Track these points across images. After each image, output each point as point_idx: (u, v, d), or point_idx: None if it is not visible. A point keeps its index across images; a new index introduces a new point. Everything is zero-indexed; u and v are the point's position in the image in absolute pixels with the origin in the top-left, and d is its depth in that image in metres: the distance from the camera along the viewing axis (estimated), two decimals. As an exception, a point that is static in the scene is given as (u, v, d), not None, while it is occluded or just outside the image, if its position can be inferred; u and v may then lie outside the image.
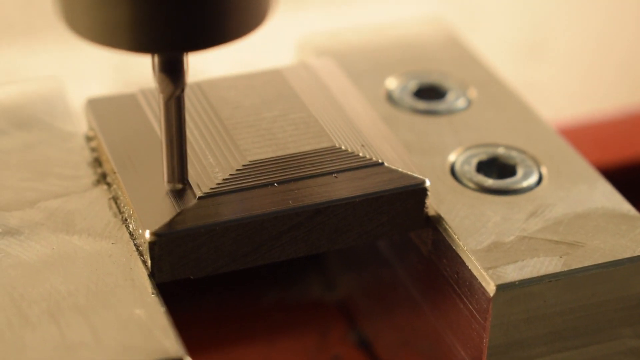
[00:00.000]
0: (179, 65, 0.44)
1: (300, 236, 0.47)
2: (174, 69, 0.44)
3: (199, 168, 0.48)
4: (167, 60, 0.43)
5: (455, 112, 0.56)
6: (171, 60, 0.43)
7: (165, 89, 0.44)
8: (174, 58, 0.43)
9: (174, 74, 0.44)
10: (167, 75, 0.44)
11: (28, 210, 0.48)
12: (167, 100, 0.45)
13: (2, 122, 0.54)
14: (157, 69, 0.44)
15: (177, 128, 0.45)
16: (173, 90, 0.44)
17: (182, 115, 0.45)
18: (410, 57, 0.61)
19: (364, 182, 0.48)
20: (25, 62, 1.01)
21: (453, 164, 0.52)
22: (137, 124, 0.51)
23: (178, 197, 0.47)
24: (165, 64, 0.43)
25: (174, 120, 0.45)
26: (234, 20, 0.41)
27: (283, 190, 0.47)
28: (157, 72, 0.44)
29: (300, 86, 0.53)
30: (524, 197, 0.50)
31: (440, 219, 0.49)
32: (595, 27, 1.12)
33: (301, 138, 0.49)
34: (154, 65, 0.44)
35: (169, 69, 0.43)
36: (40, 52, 1.02)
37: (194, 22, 0.40)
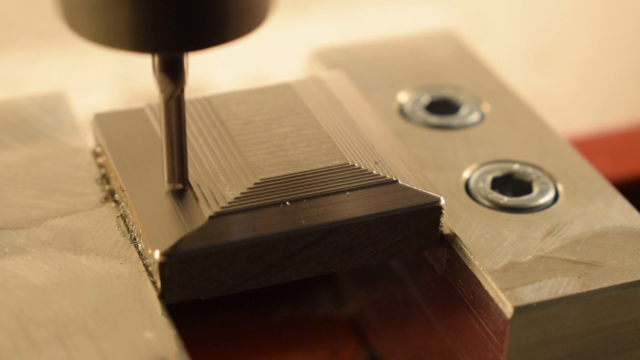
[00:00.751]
0: (179, 65, 0.44)
1: (313, 256, 0.46)
2: (174, 68, 0.44)
3: (209, 186, 0.47)
4: (167, 60, 0.43)
5: (468, 126, 0.55)
6: (171, 60, 0.43)
7: (166, 88, 0.44)
8: (174, 58, 0.43)
9: (174, 74, 0.44)
10: (167, 75, 0.44)
11: (35, 228, 0.48)
12: (167, 100, 0.45)
13: (7, 138, 0.53)
14: (157, 69, 0.44)
15: (177, 128, 0.45)
16: (173, 90, 0.44)
17: (182, 115, 0.45)
18: (422, 70, 0.60)
19: (378, 200, 0.47)
20: (30, 71, 1.00)
21: (467, 180, 0.51)
22: (146, 140, 0.50)
23: (188, 216, 0.46)
24: (166, 64, 0.43)
25: (174, 120, 0.45)
26: (233, 20, 0.41)
27: (295, 209, 0.46)
28: (157, 72, 0.44)
29: (312, 101, 0.52)
30: (540, 215, 0.49)
31: (455, 237, 0.48)
32: (605, 35, 1.11)
33: (313, 155, 0.48)
34: (154, 65, 0.44)
35: (169, 68, 0.43)
36: (44, 61, 1.01)
37: (193, 22, 0.40)
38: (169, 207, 0.46)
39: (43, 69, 1.00)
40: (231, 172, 0.47)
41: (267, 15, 0.42)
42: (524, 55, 1.06)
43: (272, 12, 0.42)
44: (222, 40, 0.41)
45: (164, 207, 0.46)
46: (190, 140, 0.49)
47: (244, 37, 0.41)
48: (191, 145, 0.49)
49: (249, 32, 0.42)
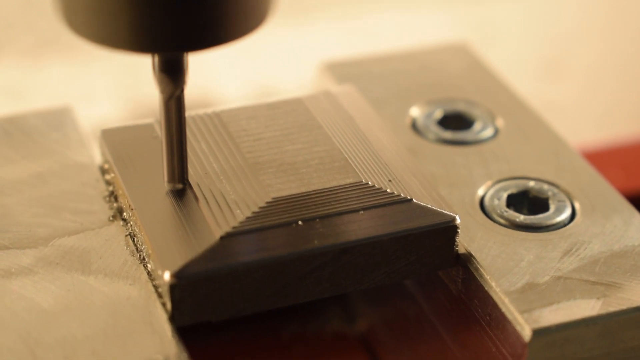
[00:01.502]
0: (179, 65, 0.43)
1: (326, 276, 0.45)
2: (174, 69, 0.43)
3: (220, 205, 0.46)
4: (167, 60, 0.43)
5: (482, 141, 0.54)
6: (171, 60, 0.43)
7: (165, 89, 0.44)
8: (174, 58, 0.43)
9: (174, 74, 0.44)
10: (167, 75, 0.43)
11: (42, 248, 0.47)
12: (167, 100, 0.44)
13: (13, 154, 0.52)
14: (157, 69, 0.43)
15: (177, 128, 0.45)
16: (173, 90, 0.44)
17: (182, 115, 0.45)
18: (435, 84, 0.59)
19: (392, 219, 0.46)
20: (34, 80, 0.99)
21: (482, 198, 0.50)
22: (155, 157, 0.50)
23: (198, 235, 0.45)
24: (166, 64, 0.43)
25: (174, 120, 0.45)
26: (233, 20, 0.40)
27: (307, 229, 0.45)
28: (157, 72, 0.43)
29: (323, 116, 0.51)
30: (558, 234, 0.48)
31: (471, 257, 0.47)
32: (613, 43, 1.10)
33: (326, 173, 0.47)
34: (154, 65, 0.43)
35: (169, 69, 0.43)
36: (48, 71, 1.00)
37: (193, 22, 0.40)
38: (179, 227, 0.45)
39: (46, 79, 0.99)
40: (242, 191, 0.46)
41: (267, 16, 0.42)
42: (532, 64, 1.05)
43: (272, 13, 0.42)
44: (222, 41, 0.41)
45: (173, 227, 0.46)
46: (200, 157, 0.48)
47: (244, 37, 0.41)
48: (201, 162, 0.48)
49: (249, 32, 0.41)
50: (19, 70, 1.00)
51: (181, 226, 0.45)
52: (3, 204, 0.49)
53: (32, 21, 1.11)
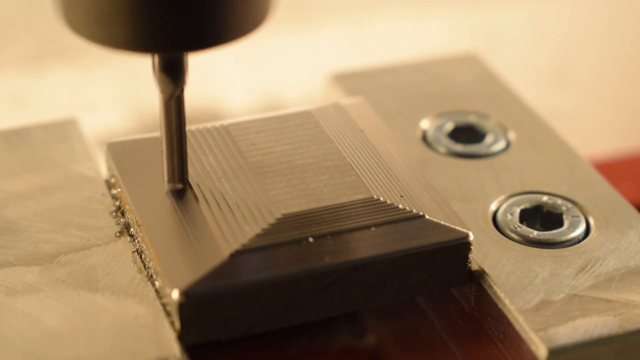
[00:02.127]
0: (179, 65, 0.43)
1: (336, 294, 0.45)
2: (174, 68, 0.43)
3: (229, 221, 0.45)
4: (167, 60, 0.43)
5: (494, 155, 0.53)
6: (171, 60, 0.43)
7: (166, 89, 0.44)
8: (174, 58, 0.43)
9: (174, 74, 0.43)
10: (167, 75, 0.43)
11: (48, 265, 0.46)
12: (167, 101, 0.44)
13: (18, 167, 0.51)
14: (157, 69, 0.43)
15: (177, 128, 0.45)
16: (173, 90, 0.44)
17: (182, 115, 0.45)
18: (445, 96, 0.58)
19: (404, 236, 0.45)
20: (37, 88, 0.98)
21: (495, 213, 0.49)
22: (162, 170, 0.49)
23: (207, 253, 0.44)
24: (166, 64, 0.43)
25: (174, 120, 0.45)
26: (233, 20, 0.40)
27: (318, 246, 0.44)
28: (157, 72, 0.43)
29: (333, 129, 0.51)
30: (572, 250, 0.47)
31: (484, 274, 0.46)
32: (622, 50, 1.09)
33: (336, 188, 0.47)
34: (154, 65, 0.43)
35: (169, 69, 0.43)
36: (51, 79, 0.99)
37: (193, 22, 0.39)
38: (187, 244, 0.45)
39: (49, 86, 0.98)
40: (252, 206, 0.45)
41: (266, 16, 0.42)
42: (539, 71, 1.05)
43: (272, 13, 0.42)
44: (222, 41, 0.41)
45: (181, 243, 0.45)
46: (208, 172, 0.48)
47: (244, 37, 0.41)
48: (209, 177, 0.47)
49: (249, 32, 0.41)
50: (22, 78, 1.00)
51: (189, 243, 0.45)
52: (8, 218, 0.48)
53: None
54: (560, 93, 1.01)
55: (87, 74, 1.00)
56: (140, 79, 0.97)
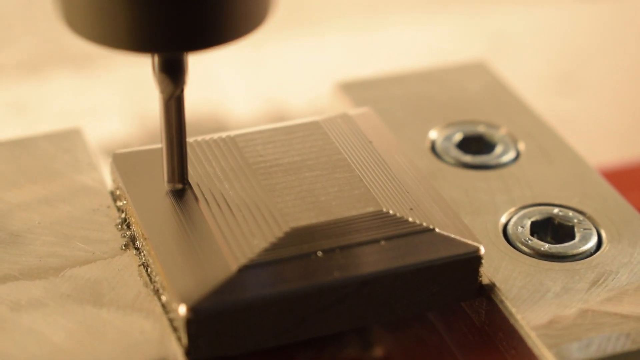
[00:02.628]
0: (179, 65, 0.43)
1: (346, 309, 0.44)
2: (174, 69, 0.43)
3: (236, 235, 0.44)
4: (167, 60, 0.43)
5: (504, 165, 0.53)
6: (171, 60, 0.43)
7: (165, 89, 0.44)
8: (174, 58, 0.43)
9: (174, 74, 0.43)
10: (167, 75, 0.43)
11: (52, 279, 0.45)
12: (167, 101, 0.44)
13: (22, 179, 0.51)
14: (157, 69, 0.43)
15: (177, 128, 0.45)
16: (173, 90, 0.44)
17: (182, 115, 0.45)
18: (454, 105, 0.57)
19: (414, 250, 0.45)
20: (40, 96, 0.98)
21: (505, 225, 0.49)
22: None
23: (214, 267, 0.43)
24: (165, 64, 0.43)
25: (174, 120, 0.45)
26: (233, 20, 0.40)
27: (327, 260, 0.44)
28: (157, 72, 0.43)
29: (341, 141, 0.50)
30: (584, 264, 0.47)
31: (495, 288, 0.45)
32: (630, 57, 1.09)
33: (346, 201, 0.46)
34: (154, 65, 0.43)
35: (169, 69, 0.43)
36: (54, 86, 0.99)
37: (193, 22, 0.39)
38: (194, 257, 0.44)
39: (52, 93, 0.97)
40: (260, 219, 0.45)
41: (267, 16, 0.42)
42: (546, 78, 1.04)
43: (272, 13, 0.42)
44: (222, 41, 0.41)
45: (188, 257, 0.44)
46: (215, 184, 0.47)
47: (244, 37, 0.41)
48: (217, 189, 0.47)
49: (249, 32, 0.41)
50: (24, 85, 0.99)
51: (196, 257, 0.44)
52: (12, 231, 0.48)
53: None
54: (565, 99, 1.00)
55: (90, 80, 0.99)
56: (144, 86, 0.96)
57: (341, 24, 1.11)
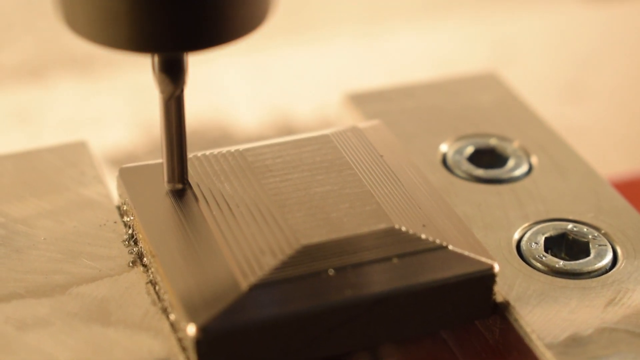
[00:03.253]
0: (179, 65, 0.43)
1: (358, 328, 0.43)
2: (174, 69, 0.43)
3: (246, 252, 0.43)
4: (167, 60, 0.43)
5: (516, 179, 0.52)
6: (171, 60, 0.43)
7: (165, 89, 0.44)
8: (173, 58, 0.43)
9: (174, 74, 0.43)
10: (167, 75, 0.43)
11: (59, 297, 0.44)
12: (167, 100, 0.44)
13: (27, 193, 0.50)
14: (157, 69, 0.43)
15: (177, 128, 0.45)
16: (173, 90, 0.44)
17: (182, 115, 0.45)
18: (465, 117, 0.56)
19: (427, 267, 0.44)
20: (42, 104, 0.97)
21: (519, 241, 0.48)
22: (176, 197, 0.47)
23: (225, 285, 0.42)
24: (165, 64, 0.43)
25: (174, 120, 0.45)
26: (233, 20, 0.40)
27: (339, 278, 0.43)
28: (157, 72, 0.43)
29: (352, 155, 0.49)
30: (600, 281, 0.46)
31: (509, 307, 0.44)
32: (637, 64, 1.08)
33: (357, 217, 0.45)
34: (154, 65, 0.43)
35: (169, 69, 0.43)
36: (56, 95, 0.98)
37: (193, 22, 0.39)
38: (203, 275, 0.43)
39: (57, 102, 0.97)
40: (270, 237, 0.44)
41: (266, 16, 0.42)
42: (552, 85, 1.03)
43: (272, 13, 0.42)
44: (221, 41, 0.40)
45: (197, 275, 0.43)
46: (224, 199, 0.46)
47: (244, 37, 0.41)
48: (226, 205, 0.46)
49: (249, 32, 0.41)
50: (28, 93, 0.98)
51: (206, 274, 0.43)
52: (17, 248, 0.47)
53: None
54: (572, 107, 0.99)
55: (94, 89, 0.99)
56: (148, 93, 0.96)
57: (346, 31, 1.10)
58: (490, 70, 0.61)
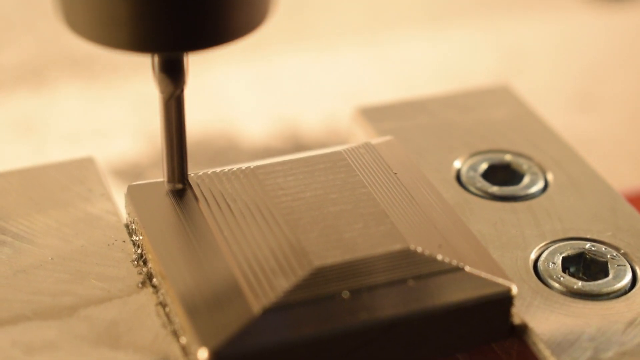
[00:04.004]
0: (179, 65, 0.43)
1: (374, 352, 0.42)
2: (174, 69, 0.43)
3: (259, 274, 0.42)
4: (167, 60, 0.43)
5: (532, 197, 0.51)
6: (171, 61, 0.43)
7: (165, 89, 0.44)
8: (174, 58, 0.43)
9: (174, 74, 0.43)
10: (167, 75, 0.43)
11: (67, 319, 0.43)
12: (167, 100, 0.44)
13: (33, 211, 0.49)
14: (157, 69, 0.43)
15: (177, 128, 0.45)
16: (173, 90, 0.44)
17: (182, 115, 0.45)
18: (478, 132, 0.55)
19: (444, 289, 0.43)
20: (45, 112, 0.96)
21: (536, 261, 0.47)
22: (187, 216, 0.46)
23: (237, 308, 0.41)
24: (165, 64, 0.43)
25: (174, 120, 0.45)
26: (234, 20, 0.40)
27: (353, 301, 0.42)
28: (157, 72, 0.43)
29: (365, 173, 0.48)
30: (619, 303, 0.45)
31: (527, 329, 0.43)
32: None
33: (371, 238, 0.44)
34: (154, 65, 0.43)
35: (169, 68, 0.43)
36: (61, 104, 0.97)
37: (193, 21, 0.39)
38: (215, 298, 0.42)
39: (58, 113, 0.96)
40: (283, 258, 0.43)
41: (266, 17, 0.42)
42: (564, 95, 1.02)
43: (272, 12, 0.41)
44: (222, 40, 0.41)
45: (208, 297, 0.42)
46: (236, 219, 0.45)
47: (243, 38, 0.41)
48: (237, 225, 0.45)
49: (249, 32, 0.41)
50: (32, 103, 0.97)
51: (217, 297, 0.42)
52: (23, 268, 0.46)
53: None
54: (584, 117, 0.98)
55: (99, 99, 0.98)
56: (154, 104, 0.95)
57: (353, 40, 1.09)
58: (503, 82, 0.60)
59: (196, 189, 0.47)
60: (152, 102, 0.96)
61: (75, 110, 0.95)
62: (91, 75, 0.99)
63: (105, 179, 0.51)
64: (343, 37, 1.08)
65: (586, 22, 1.14)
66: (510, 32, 1.11)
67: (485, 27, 1.13)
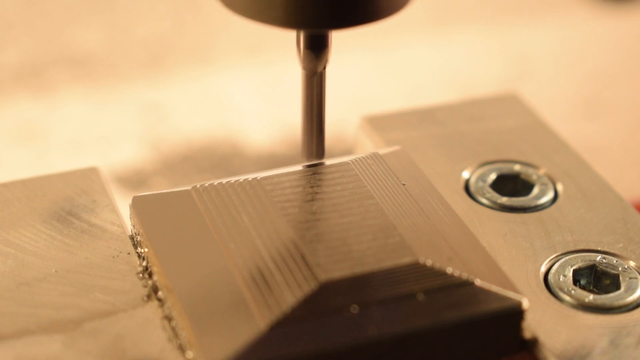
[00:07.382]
0: (324, 42, 0.45)
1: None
2: (319, 45, 0.45)
3: (266, 288, 0.42)
4: (312, 36, 0.45)
5: (542, 208, 0.50)
6: (316, 37, 0.45)
7: (309, 65, 0.45)
8: (319, 35, 0.45)
9: (318, 51, 0.45)
10: (312, 51, 0.45)
11: (71, 333, 0.43)
12: (310, 77, 0.46)
13: (37, 222, 0.48)
14: (302, 46, 0.45)
15: (318, 104, 0.47)
16: (315, 67, 0.45)
17: (322, 92, 0.47)
18: (487, 141, 0.55)
19: (454, 304, 0.42)
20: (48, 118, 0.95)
21: (547, 273, 0.46)
22: (193, 228, 0.46)
23: (244, 323, 0.41)
24: (311, 40, 0.45)
25: (315, 96, 0.46)
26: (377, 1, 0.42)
27: (363, 316, 0.41)
28: (303, 49, 0.45)
29: (373, 183, 0.48)
30: (632, 317, 0.44)
31: (538, 343, 0.43)
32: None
33: (380, 250, 0.44)
34: (299, 42, 0.45)
35: (314, 45, 0.45)
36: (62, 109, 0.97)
37: (340, 1, 0.41)
38: (221, 312, 0.42)
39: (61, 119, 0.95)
40: (290, 272, 0.42)
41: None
42: (571, 101, 1.01)
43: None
44: (365, 20, 0.43)
45: (215, 311, 0.42)
46: (241, 231, 0.45)
47: (384, 18, 0.43)
48: (243, 238, 0.44)
49: (390, 14, 0.43)
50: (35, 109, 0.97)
51: (224, 311, 0.42)
52: (27, 281, 0.45)
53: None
54: (591, 124, 0.98)
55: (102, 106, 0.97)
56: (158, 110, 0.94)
57: (358, 45, 1.08)
58: (510, 88, 0.59)
59: (201, 200, 0.47)
60: (157, 108, 0.95)
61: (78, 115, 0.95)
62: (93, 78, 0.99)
63: (109, 189, 0.51)
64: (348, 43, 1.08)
65: (593, 28, 1.13)
66: (517, 38, 1.11)
67: (491, 33, 1.12)
